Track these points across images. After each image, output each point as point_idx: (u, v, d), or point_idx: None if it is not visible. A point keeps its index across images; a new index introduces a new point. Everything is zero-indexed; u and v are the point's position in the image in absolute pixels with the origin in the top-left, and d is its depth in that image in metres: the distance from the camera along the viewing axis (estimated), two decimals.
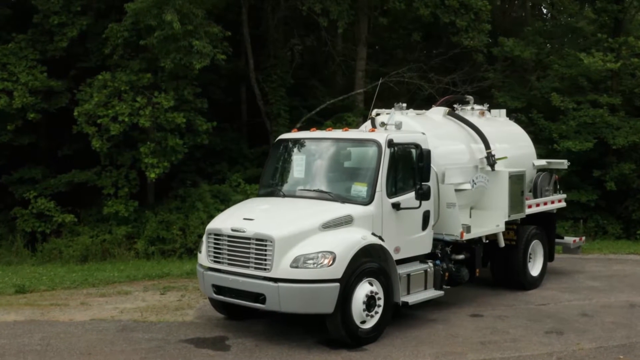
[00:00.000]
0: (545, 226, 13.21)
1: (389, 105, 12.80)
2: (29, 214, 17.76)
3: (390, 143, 9.80)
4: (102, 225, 18.06)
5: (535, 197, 13.26)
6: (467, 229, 11.01)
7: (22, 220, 17.76)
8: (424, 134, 10.54)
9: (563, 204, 13.86)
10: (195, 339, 9.60)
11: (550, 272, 13.99)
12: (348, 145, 10.20)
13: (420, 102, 19.55)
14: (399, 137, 10.06)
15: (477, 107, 13.29)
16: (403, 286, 9.92)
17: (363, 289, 9.17)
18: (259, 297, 9.06)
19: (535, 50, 20.65)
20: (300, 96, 22.39)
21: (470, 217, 11.95)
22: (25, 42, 17.82)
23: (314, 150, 10.45)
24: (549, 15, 24.44)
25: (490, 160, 11.78)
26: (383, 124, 10.77)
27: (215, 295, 9.73)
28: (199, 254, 10.09)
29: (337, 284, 8.87)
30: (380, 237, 9.51)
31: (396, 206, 9.78)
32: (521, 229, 12.53)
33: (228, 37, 19.30)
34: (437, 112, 12.32)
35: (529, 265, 12.79)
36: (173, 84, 17.68)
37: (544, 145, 20.18)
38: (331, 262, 8.84)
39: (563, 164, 13.91)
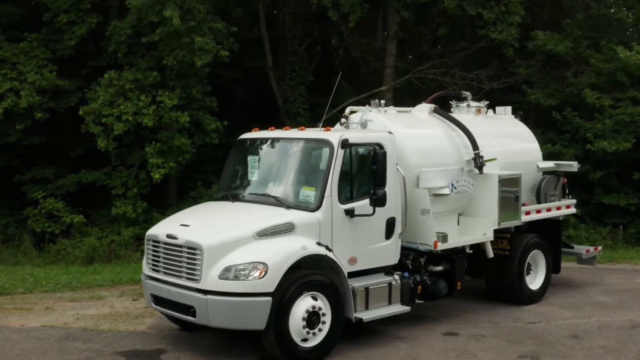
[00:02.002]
0: (549, 234, 12.01)
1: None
2: (40, 214, 17.68)
3: (345, 143, 8.92)
4: (111, 226, 17.82)
5: (538, 202, 12.07)
6: (443, 238, 9.99)
7: (33, 220, 17.71)
8: (391, 133, 9.60)
9: (572, 210, 12.59)
10: (132, 351, 9.01)
11: (561, 284, 12.84)
12: (300, 146, 9.36)
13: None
14: (358, 137, 9.18)
15: (473, 104, 12.21)
16: (360, 301, 9.02)
17: (303, 304, 8.34)
18: (190, 310, 8.39)
19: (572, 44, 19.13)
20: (325, 95, 21.58)
21: (458, 224, 10.98)
22: (38, 42, 17.76)
23: (267, 151, 9.70)
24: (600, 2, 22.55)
25: (478, 162, 10.71)
26: (343, 123, 9.91)
27: (154, 306, 9.13)
28: (143, 262, 9.50)
29: (269, 298, 8.07)
30: (327, 247, 8.65)
31: (350, 213, 8.89)
32: (517, 238, 11.39)
33: (249, 34, 18.81)
34: (423, 110, 11.32)
35: (528, 277, 11.62)
36: (181, 82, 17.25)
37: (580, 145, 18.81)
38: (263, 274, 8.07)
39: (572, 166, 12.64)
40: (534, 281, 11.76)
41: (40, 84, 16.84)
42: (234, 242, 8.27)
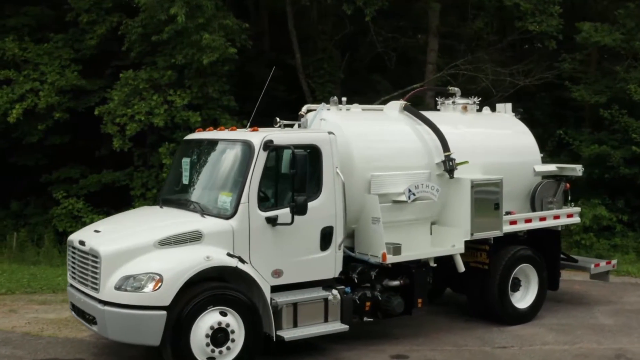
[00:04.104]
0: (544, 246, 10.73)
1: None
2: (64, 214, 17.82)
3: (268, 145, 8.16)
4: None
5: (533, 209, 10.80)
6: (395, 249, 8.98)
7: (58, 220, 17.86)
8: (331, 133, 8.75)
9: (575, 220, 11.20)
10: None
11: (569, 301, 11.71)
12: (224, 148, 8.69)
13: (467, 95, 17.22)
14: (286, 138, 8.39)
15: (460, 100, 11.09)
16: (287, 318, 8.25)
17: (208, 320, 7.67)
18: (93, 320, 7.93)
19: (623, 36, 17.30)
20: (359, 94, 20.75)
21: (431, 233, 9.95)
22: (63, 42, 17.91)
23: (197, 153, 9.05)
24: None
25: (447, 165, 9.64)
26: (277, 122, 9.14)
27: (74, 314, 8.72)
28: None
29: (164, 313, 7.46)
30: (240, 258, 7.93)
31: (272, 221, 8.13)
32: (500, 251, 10.19)
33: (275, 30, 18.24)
34: (393, 108, 10.35)
35: (517, 294, 10.46)
36: (199, 81, 16.91)
37: (631, 146, 17.03)
38: (157, 286, 7.46)
39: (576, 170, 11.23)
40: (524, 299, 10.53)
41: (59, 84, 16.92)
42: (133, 250, 7.71)
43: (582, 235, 16.67)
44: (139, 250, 7.70)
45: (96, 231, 8.40)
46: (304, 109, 10.00)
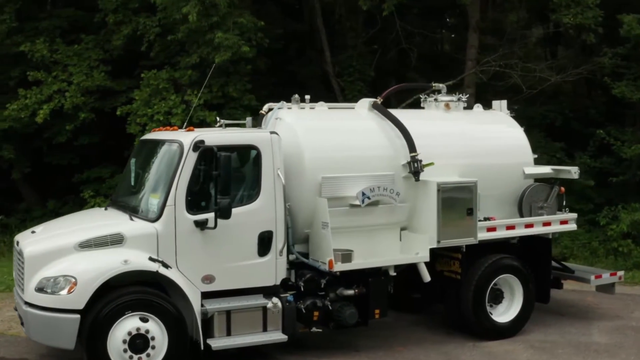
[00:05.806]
0: (531, 255, 9.89)
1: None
2: None
3: (198, 146, 7.85)
4: None
5: (520, 215, 9.99)
6: (345, 257, 8.45)
7: None
8: (274, 133, 8.34)
9: (570, 227, 10.25)
10: None
11: (573, 315, 10.78)
12: (160, 148, 8.44)
13: (502, 92, 16.35)
14: (220, 138, 8.07)
15: (443, 97, 10.39)
16: (220, 325, 7.92)
17: (127, 325, 7.46)
18: (22, 321, 7.90)
19: None
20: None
21: (400, 240, 9.36)
22: (94, 43, 18.20)
23: (142, 154, 8.95)
24: None
25: (412, 166, 9.02)
26: (217, 121, 8.80)
27: (18, 315, 8.70)
28: None
29: (77, 316, 7.31)
30: (163, 263, 7.65)
31: (201, 225, 7.81)
32: (478, 259, 9.46)
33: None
34: (363, 106, 9.80)
35: (499, 307, 9.72)
36: (220, 80, 16.80)
37: None
38: (72, 289, 7.31)
39: (571, 172, 10.30)
40: (507, 312, 9.73)
41: (84, 84, 17.20)
42: (54, 252, 7.63)
43: (620, 242, 15.53)
44: (60, 252, 7.60)
45: (33, 232, 8.36)
46: (265, 107, 9.63)
